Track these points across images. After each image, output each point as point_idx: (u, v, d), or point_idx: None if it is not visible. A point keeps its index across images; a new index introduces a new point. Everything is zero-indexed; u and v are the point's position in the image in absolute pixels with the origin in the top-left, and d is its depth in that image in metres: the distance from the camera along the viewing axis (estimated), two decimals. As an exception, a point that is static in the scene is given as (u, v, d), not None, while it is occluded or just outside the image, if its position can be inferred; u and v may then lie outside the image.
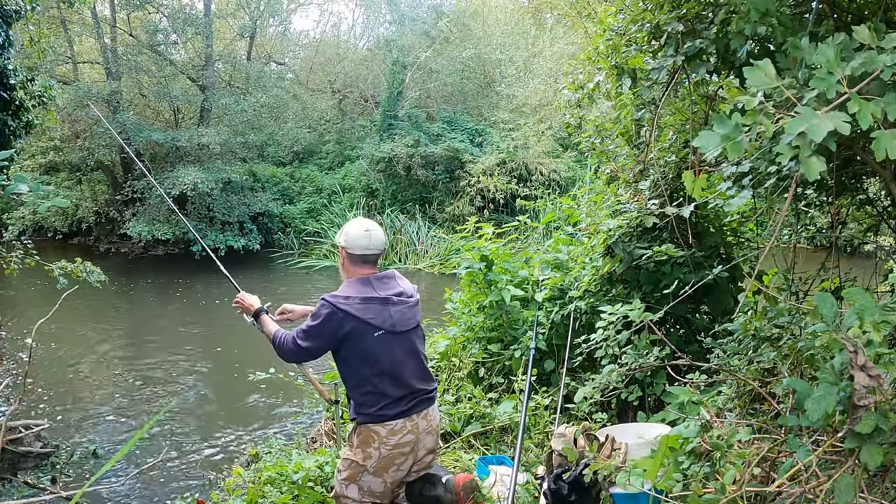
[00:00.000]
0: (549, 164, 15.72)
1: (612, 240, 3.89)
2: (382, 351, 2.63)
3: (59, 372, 7.00)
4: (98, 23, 14.50)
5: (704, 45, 2.61)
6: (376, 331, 2.62)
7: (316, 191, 17.03)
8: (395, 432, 2.66)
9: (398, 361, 2.67)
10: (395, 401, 2.65)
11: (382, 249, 2.81)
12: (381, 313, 2.65)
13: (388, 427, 2.65)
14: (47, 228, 16.61)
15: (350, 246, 2.74)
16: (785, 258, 3.28)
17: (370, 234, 2.74)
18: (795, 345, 2.22)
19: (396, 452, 2.69)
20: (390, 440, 2.66)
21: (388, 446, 2.67)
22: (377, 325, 2.62)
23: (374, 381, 2.63)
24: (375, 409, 2.63)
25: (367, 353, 2.62)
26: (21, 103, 6.29)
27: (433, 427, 2.79)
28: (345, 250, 2.75)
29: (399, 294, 2.75)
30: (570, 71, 4.26)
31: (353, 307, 2.62)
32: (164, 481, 4.66)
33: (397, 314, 2.69)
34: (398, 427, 2.67)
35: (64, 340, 8.12)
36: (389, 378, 2.64)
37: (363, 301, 2.64)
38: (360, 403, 2.67)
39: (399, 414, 2.66)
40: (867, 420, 1.47)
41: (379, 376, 2.63)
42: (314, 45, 20.14)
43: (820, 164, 1.35)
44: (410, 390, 2.70)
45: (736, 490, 1.74)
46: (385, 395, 2.64)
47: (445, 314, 5.27)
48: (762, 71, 1.47)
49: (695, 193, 1.76)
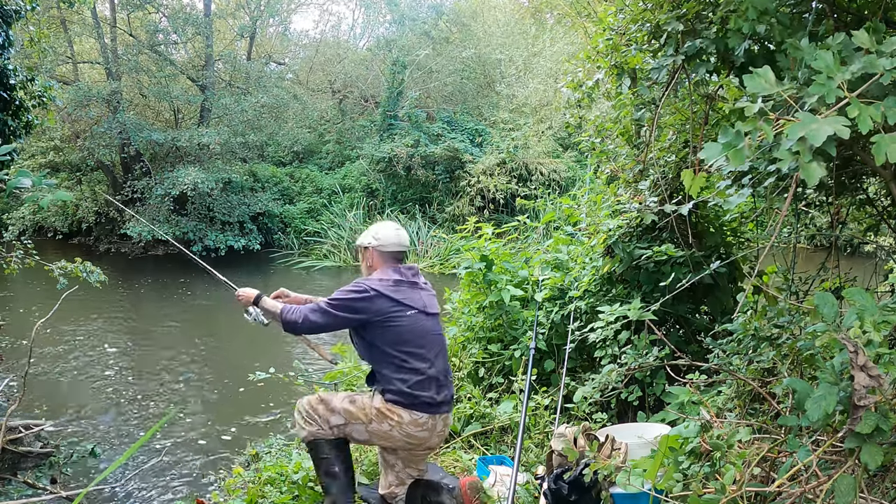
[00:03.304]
0: (549, 164, 15.71)
1: (612, 240, 3.89)
2: (416, 330, 2.80)
3: (60, 372, 7.00)
4: (98, 23, 14.49)
5: (704, 45, 2.61)
6: (409, 310, 2.80)
7: (316, 191, 17.02)
8: (416, 423, 2.77)
9: (431, 343, 2.84)
10: (426, 381, 2.76)
11: (408, 248, 3.05)
12: (412, 294, 2.84)
13: (413, 416, 2.76)
14: (47, 228, 16.61)
15: (384, 244, 2.93)
16: (785, 258, 3.28)
17: (399, 233, 2.98)
18: (795, 345, 2.22)
19: (404, 441, 2.82)
20: (408, 428, 2.77)
21: (402, 432, 2.78)
22: (409, 304, 2.81)
23: (409, 359, 2.76)
24: (408, 385, 2.74)
25: (400, 332, 2.77)
26: (21, 103, 6.28)
27: (446, 432, 2.95)
28: (375, 250, 2.92)
29: (425, 283, 2.99)
30: (570, 70, 4.26)
31: (386, 287, 2.80)
32: (163, 481, 4.66)
33: (427, 297, 2.92)
34: (421, 421, 2.78)
35: (64, 340, 8.12)
36: (422, 358, 2.78)
37: (395, 283, 2.83)
38: (388, 380, 2.78)
39: (428, 407, 2.77)
40: (867, 420, 1.47)
41: (412, 354, 2.77)
42: (314, 45, 20.13)
43: (820, 170, 1.35)
44: (439, 382, 2.83)
45: (736, 490, 1.74)
46: (418, 372, 2.76)
47: (445, 314, 5.27)
48: (762, 78, 1.47)
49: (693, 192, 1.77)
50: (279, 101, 15.61)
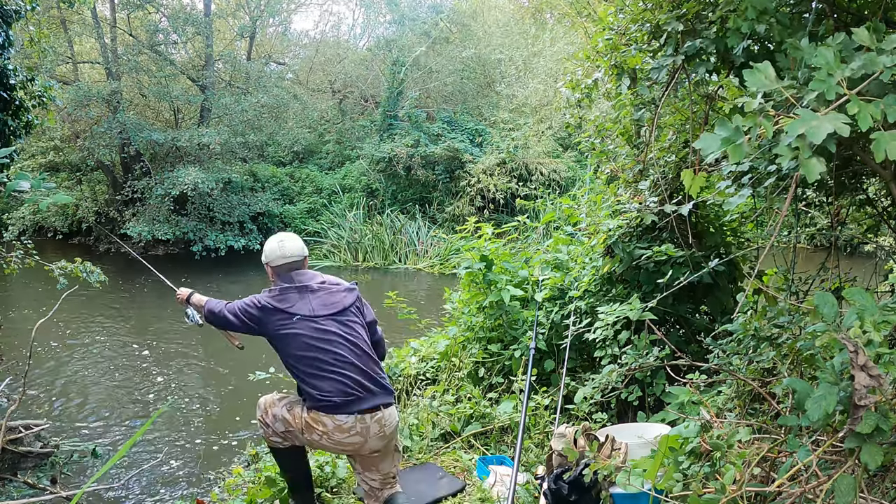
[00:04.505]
0: (549, 164, 15.71)
1: (612, 240, 3.89)
2: (311, 335, 2.72)
3: (59, 372, 7.00)
4: (98, 23, 14.48)
5: (704, 45, 2.61)
6: (293, 317, 2.75)
7: (316, 191, 17.02)
8: (341, 429, 2.67)
9: (336, 343, 2.73)
10: (340, 383, 2.67)
11: (302, 255, 2.96)
12: (298, 301, 2.79)
13: (336, 422, 2.67)
14: (47, 228, 16.60)
15: (270, 259, 2.93)
16: (785, 258, 3.28)
17: (284, 244, 2.92)
18: (795, 345, 2.22)
19: (335, 447, 2.74)
20: (335, 436, 2.69)
21: (331, 440, 2.70)
22: (294, 311, 2.76)
23: (313, 364, 2.70)
24: (320, 396, 2.68)
25: (295, 340, 2.73)
26: (21, 103, 6.28)
27: (385, 434, 2.77)
28: (268, 266, 2.92)
29: (321, 283, 2.88)
30: (570, 70, 4.26)
31: (272, 299, 2.80)
32: (163, 481, 4.66)
33: (317, 300, 2.81)
34: (346, 425, 2.67)
35: (64, 340, 8.11)
36: (327, 361, 2.70)
37: (281, 292, 2.81)
38: (304, 391, 2.76)
39: (347, 409, 2.67)
40: (867, 420, 1.47)
41: (315, 360, 2.70)
42: (314, 45, 20.13)
43: (820, 166, 1.35)
44: (358, 381, 2.71)
45: (736, 490, 1.73)
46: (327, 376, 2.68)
47: (445, 314, 5.27)
48: (762, 73, 1.47)
49: (693, 192, 1.76)
50: (279, 101, 15.61)
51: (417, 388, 4.62)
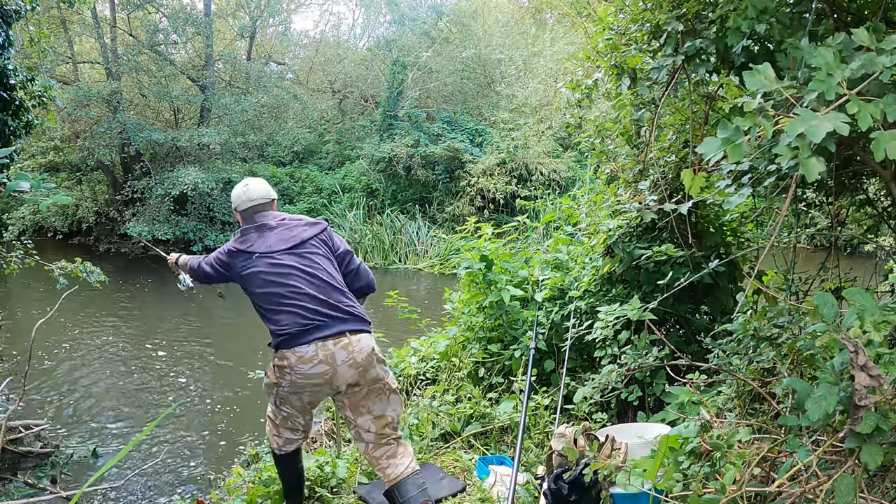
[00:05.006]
0: (549, 164, 15.71)
1: (612, 240, 3.89)
2: (270, 272, 2.76)
3: (59, 372, 7.00)
4: (98, 23, 14.49)
5: (704, 45, 2.61)
6: (252, 255, 2.80)
7: (316, 191, 17.03)
8: (304, 360, 2.65)
9: (295, 276, 2.75)
10: (295, 325, 2.67)
11: (268, 198, 2.99)
12: (257, 240, 2.83)
13: (297, 354, 2.65)
14: (47, 228, 16.61)
15: (237, 205, 2.97)
16: (785, 258, 3.27)
17: (248, 188, 2.97)
18: (795, 345, 2.22)
19: (307, 383, 2.70)
20: (300, 367, 2.66)
21: (298, 373, 2.67)
22: (253, 250, 2.80)
23: (265, 304, 2.75)
24: (278, 331, 2.70)
25: (256, 278, 2.77)
26: (21, 103, 6.28)
27: (356, 360, 2.69)
28: (237, 212, 2.98)
29: (281, 220, 2.91)
30: (569, 70, 4.26)
31: (235, 242, 2.87)
32: (163, 481, 4.66)
33: (274, 237, 2.84)
34: (307, 355, 2.64)
35: (64, 340, 8.11)
36: (286, 295, 2.71)
37: (242, 234, 2.88)
38: (270, 330, 2.77)
39: (305, 338, 2.65)
40: (867, 420, 1.47)
41: (274, 294, 2.73)
42: (314, 45, 20.15)
43: (819, 165, 1.34)
44: (317, 310, 2.69)
45: (736, 490, 1.73)
46: (286, 309, 2.70)
47: (445, 314, 5.27)
48: (762, 74, 1.47)
49: (693, 192, 1.76)
50: (279, 101, 15.62)
51: (417, 388, 4.62)
